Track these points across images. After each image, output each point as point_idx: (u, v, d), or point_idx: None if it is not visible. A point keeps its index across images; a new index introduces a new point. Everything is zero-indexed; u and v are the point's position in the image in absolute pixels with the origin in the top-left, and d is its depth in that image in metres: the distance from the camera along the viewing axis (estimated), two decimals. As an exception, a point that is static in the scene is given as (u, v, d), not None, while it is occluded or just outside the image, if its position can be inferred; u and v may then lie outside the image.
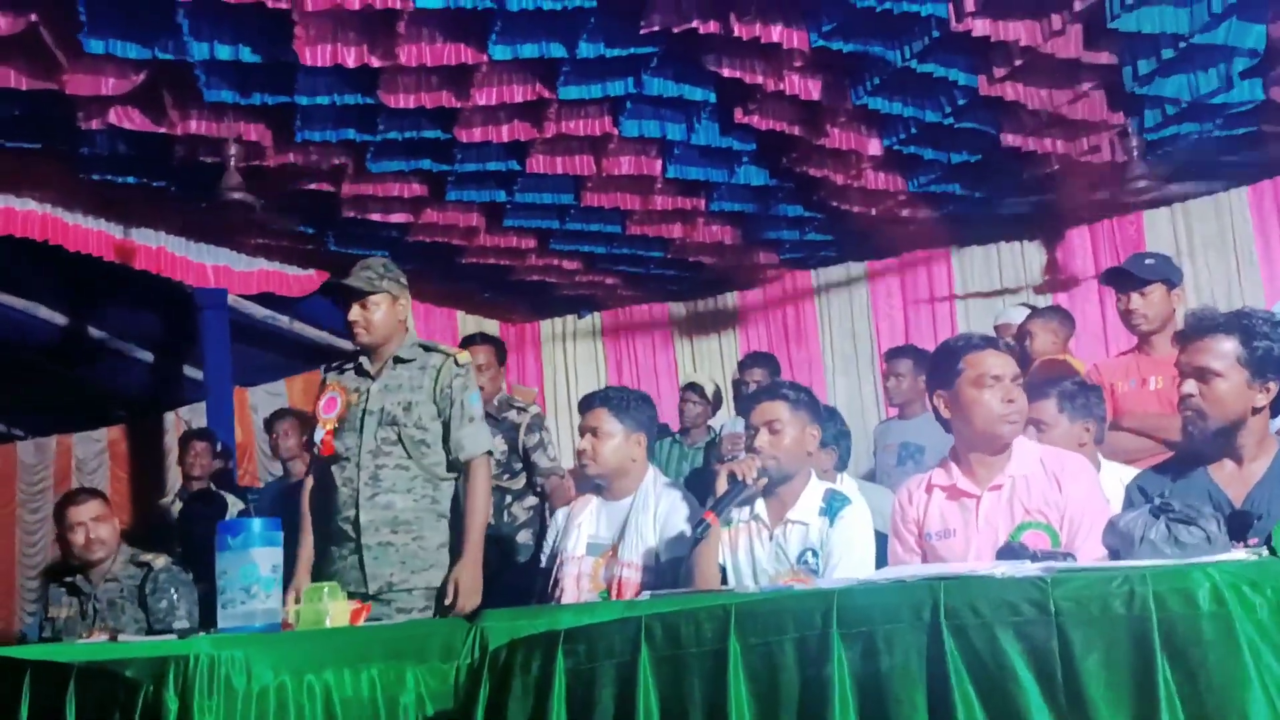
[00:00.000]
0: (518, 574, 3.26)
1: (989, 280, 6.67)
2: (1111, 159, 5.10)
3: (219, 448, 5.19)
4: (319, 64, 3.87)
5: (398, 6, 3.63)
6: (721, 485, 2.50)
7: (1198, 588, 1.23)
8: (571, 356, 7.63)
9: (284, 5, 3.52)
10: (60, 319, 6.31)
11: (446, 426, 2.95)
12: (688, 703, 1.49)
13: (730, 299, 7.32)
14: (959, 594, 1.37)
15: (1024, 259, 6.63)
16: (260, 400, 6.95)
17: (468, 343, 4.02)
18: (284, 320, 6.50)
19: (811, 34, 4.14)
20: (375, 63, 3.95)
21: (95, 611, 3.29)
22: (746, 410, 2.63)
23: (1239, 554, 1.50)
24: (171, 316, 6.44)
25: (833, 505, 2.49)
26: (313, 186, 5.03)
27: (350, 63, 3.92)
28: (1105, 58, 4.26)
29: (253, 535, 2.27)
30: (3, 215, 4.82)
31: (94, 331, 6.54)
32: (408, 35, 3.83)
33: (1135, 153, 4.85)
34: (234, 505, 4.81)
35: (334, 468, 2.96)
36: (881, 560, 2.45)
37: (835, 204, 5.78)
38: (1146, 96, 4.59)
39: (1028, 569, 1.50)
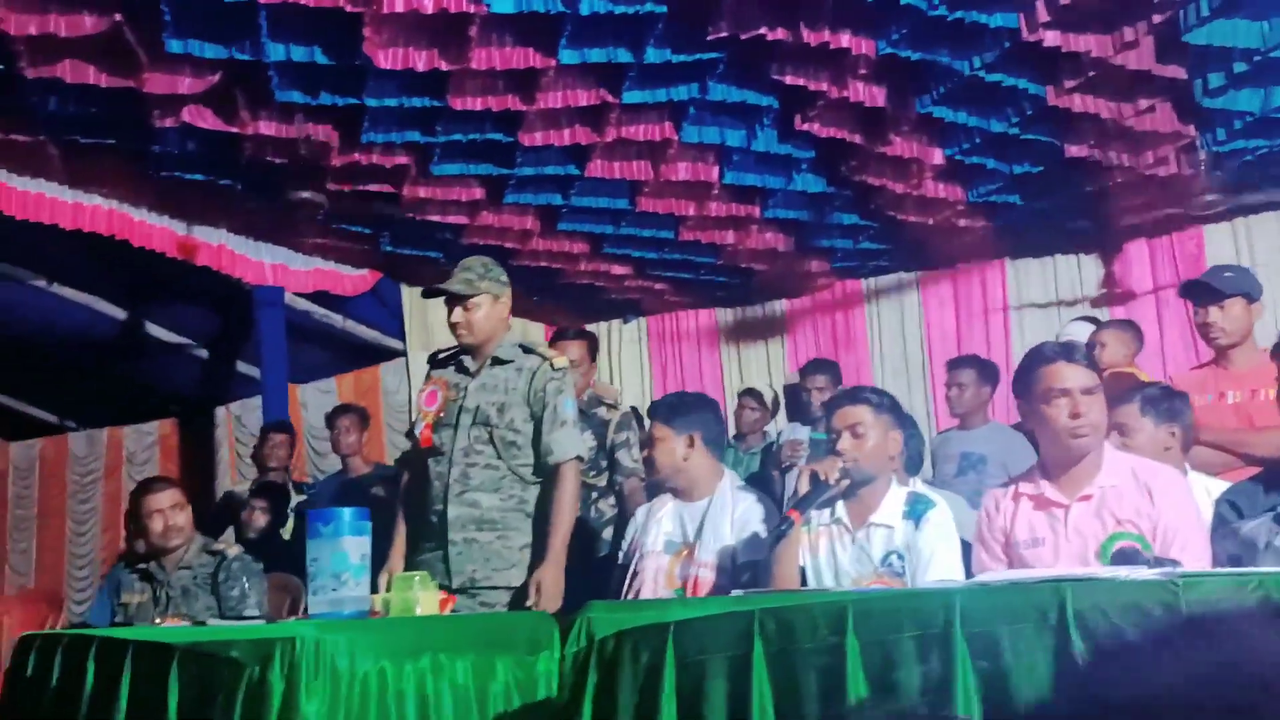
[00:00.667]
0: (596, 569, 3.26)
1: (1044, 293, 6.61)
2: (1177, 172, 5.06)
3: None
4: (391, 67, 3.92)
5: (470, 11, 3.67)
6: (804, 485, 2.50)
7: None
8: (617, 362, 7.65)
9: (359, 9, 3.56)
10: (119, 314, 6.41)
11: (538, 429, 2.97)
12: (802, 697, 1.50)
13: (779, 306, 7.31)
14: (1086, 596, 1.36)
15: (1080, 272, 6.57)
16: (310, 398, 7.03)
17: (559, 338, 4.04)
18: (337, 319, 6.57)
19: (879, 42, 4.14)
20: (445, 66, 3.99)
21: (168, 599, 3.33)
22: (829, 414, 2.63)
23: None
24: (227, 313, 6.53)
25: (917, 508, 2.49)
26: (373, 187, 5.09)
27: (421, 66, 3.96)
28: (1175, 71, 4.22)
29: (344, 524, 2.30)
30: (73, 211, 4.91)
31: (151, 327, 6.64)
32: (479, 39, 3.87)
33: (1203, 166, 4.80)
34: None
35: (430, 460, 3.01)
36: (965, 567, 2.43)
37: (891, 213, 5.77)
38: (1215, 110, 4.55)
39: (1146, 573, 1.49)
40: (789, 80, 4.38)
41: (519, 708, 2.09)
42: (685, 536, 2.78)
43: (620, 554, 2.97)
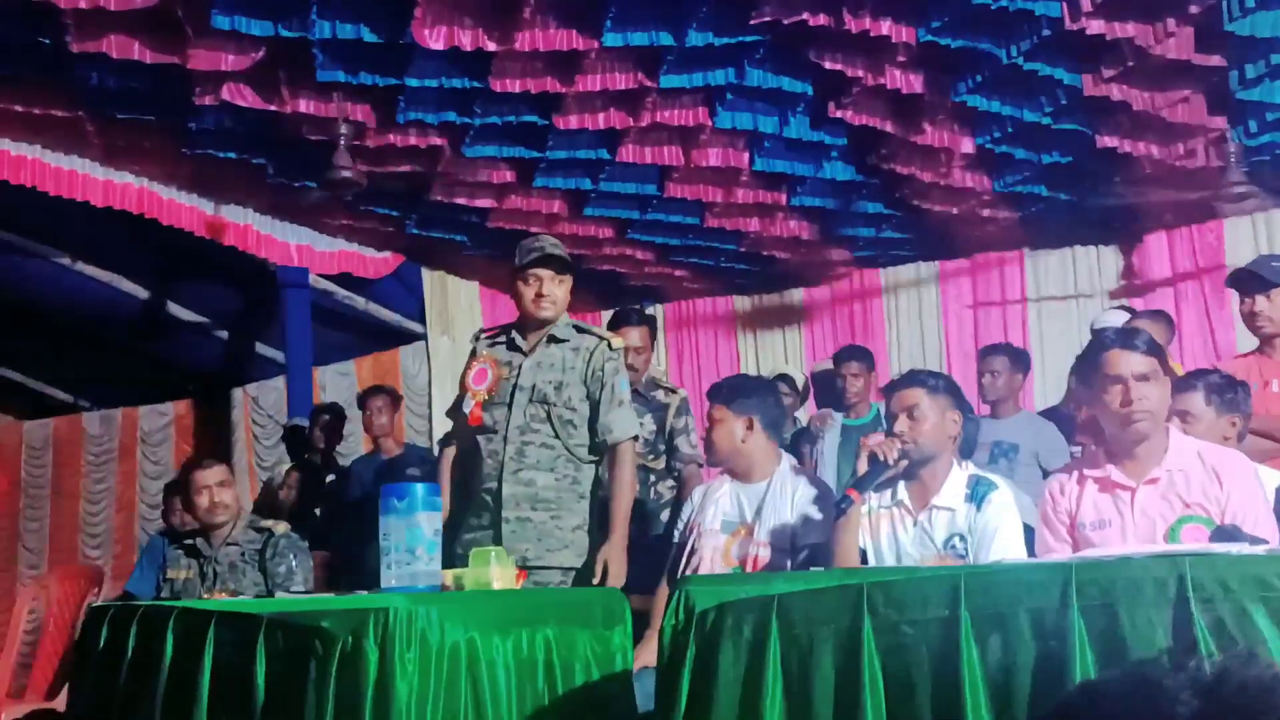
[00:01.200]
0: (653, 549, 3.26)
1: (1063, 284, 6.63)
2: (1205, 164, 5.08)
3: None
4: (438, 46, 3.91)
5: (521, -9, 3.67)
6: (863, 465, 2.52)
7: None
8: (634, 348, 7.65)
9: (412, -14, 3.56)
10: (141, 292, 6.40)
11: (595, 409, 2.97)
12: (914, 671, 1.52)
13: (797, 295, 7.32)
14: (1205, 569, 1.38)
15: (1099, 263, 6.59)
16: (329, 380, 7.02)
17: (621, 320, 3.92)
18: (359, 301, 6.57)
19: (920, 29, 4.15)
20: (491, 46, 3.99)
21: (215, 574, 3.35)
22: (887, 398, 2.64)
23: None
24: (249, 294, 6.52)
25: (978, 490, 2.51)
26: (406, 168, 5.08)
27: (467, 45, 3.96)
28: (1215, 61, 4.24)
29: (417, 499, 2.32)
30: (104, 188, 4.91)
31: (172, 306, 6.63)
32: (528, 20, 3.86)
33: (1233, 158, 4.82)
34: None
35: (480, 438, 2.99)
36: (1029, 550, 2.46)
37: (916, 202, 5.78)
38: (1249, 102, 4.57)
39: (1251, 550, 1.52)
40: (827, 65, 4.38)
41: (599, 679, 2.12)
42: (743, 517, 2.80)
43: (676, 534, 2.98)
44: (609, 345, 3.02)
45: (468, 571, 2.28)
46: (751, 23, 4.04)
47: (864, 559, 2.55)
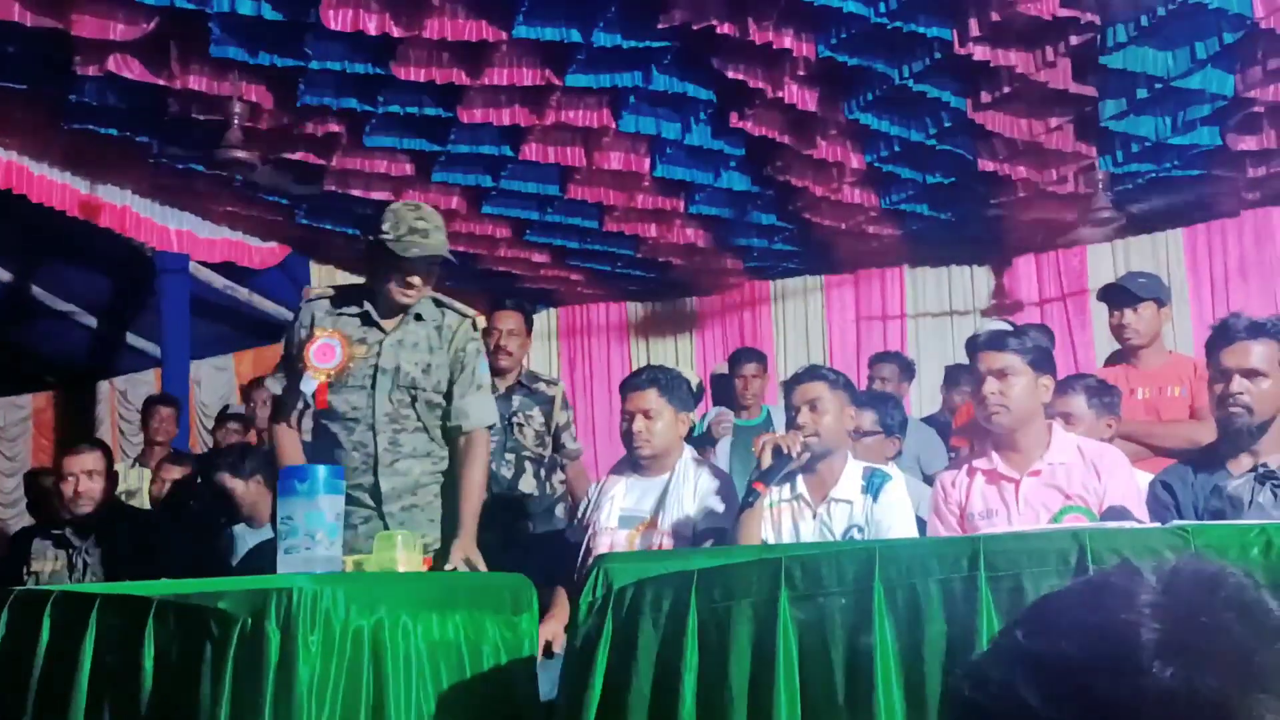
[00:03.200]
0: (545, 545, 3.23)
1: (940, 301, 6.94)
2: (1075, 190, 5.40)
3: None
4: (341, 28, 3.84)
5: (432, -23, 3.63)
6: (767, 458, 2.58)
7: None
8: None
9: (319, -36, 3.48)
10: (3, 274, 6.03)
11: (449, 391, 2.72)
12: (829, 641, 1.56)
13: (689, 303, 7.44)
14: (1103, 541, 1.47)
15: (973, 282, 6.93)
16: (205, 374, 6.75)
17: (497, 307, 3.89)
18: (242, 292, 6.34)
19: (819, 45, 4.29)
20: (397, 32, 3.93)
21: (85, 565, 3.17)
22: (788, 391, 2.72)
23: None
24: (122, 280, 6.22)
25: (873, 482, 2.60)
26: (299, 156, 4.95)
27: (372, 30, 3.89)
28: (1088, 92, 4.52)
29: (319, 481, 2.26)
30: (-31, 160, 4.61)
31: (37, 290, 6.26)
32: (436, 8, 3.83)
33: (1100, 185, 5.13)
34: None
35: (336, 426, 2.70)
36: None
37: (808, 215, 5.95)
38: (1117, 133, 4.88)
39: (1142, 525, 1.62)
40: (730, 75, 4.48)
41: (506, 664, 2.10)
42: (644, 510, 2.82)
43: (567, 531, 2.97)
44: (473, 324, 2.78)
45: (372, 556, 2.23)
46: (660, 26, 4.10)
47: (764, 549, 2.60)
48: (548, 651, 2.54)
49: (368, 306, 2.70)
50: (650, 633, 1.66)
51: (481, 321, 2.88)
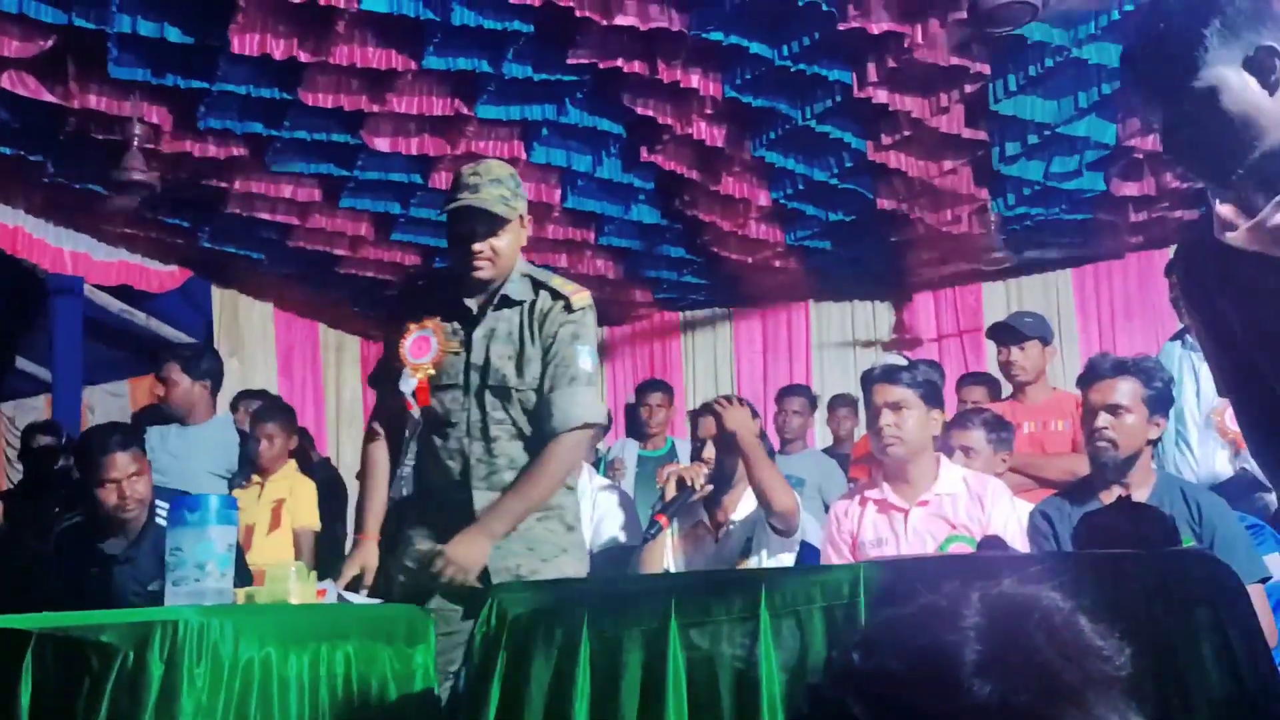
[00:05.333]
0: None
1: (843, 334, 7.14)
2: (968, 231, 5.62)
3: (64, 441, 4.86)
4: (247, 52, 3.80)
5: (340, 5, 3.63)
6: (671, 490, 2.63)
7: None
8: (433, 379, 7.56)
9: (225, -12, 3.46)
10: (-119, 295, 5.75)
11: (542, 385, 2.32)
12: (718, 667, 1.60)
13: (599, 333, 7.47)
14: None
15: (875, 317, 7.15)
16: (99, 400, 6.52)
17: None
18: (139, 316, 6.16)
19: (726, 85, 4.40)
20: (304, 57, 3.91)
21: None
22: (693, 423, 2.78)
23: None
24: (12, 302, 5.98)
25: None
26: (202, 178, 4.86)
27: (278, 54, 3.87)
28: (979, 137, 4.72)
29: (210, 512, 2.21)
30: None
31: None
32: (344, 35, 3.82)
33: (993, 227, 5.36)
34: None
35: (434, 435, 2.33)
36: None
37: (715, 249, 6.07)
38: (1008, 177, 5.11)
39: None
40: (640, 111, 4.57)
41: (397, 699, 2.08)
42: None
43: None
44: (568, 305, 2.33)
45: (263, 588, 2.20)
46: (570, 62, 4.17)
47: (664, 579, 2.64)
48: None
49: (457, 291, 2.34)
50: (543, 663, 1.67)
51: (581, 299, 2.36)
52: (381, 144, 4.67)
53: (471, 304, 2.33)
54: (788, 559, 2.64)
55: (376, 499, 2.39)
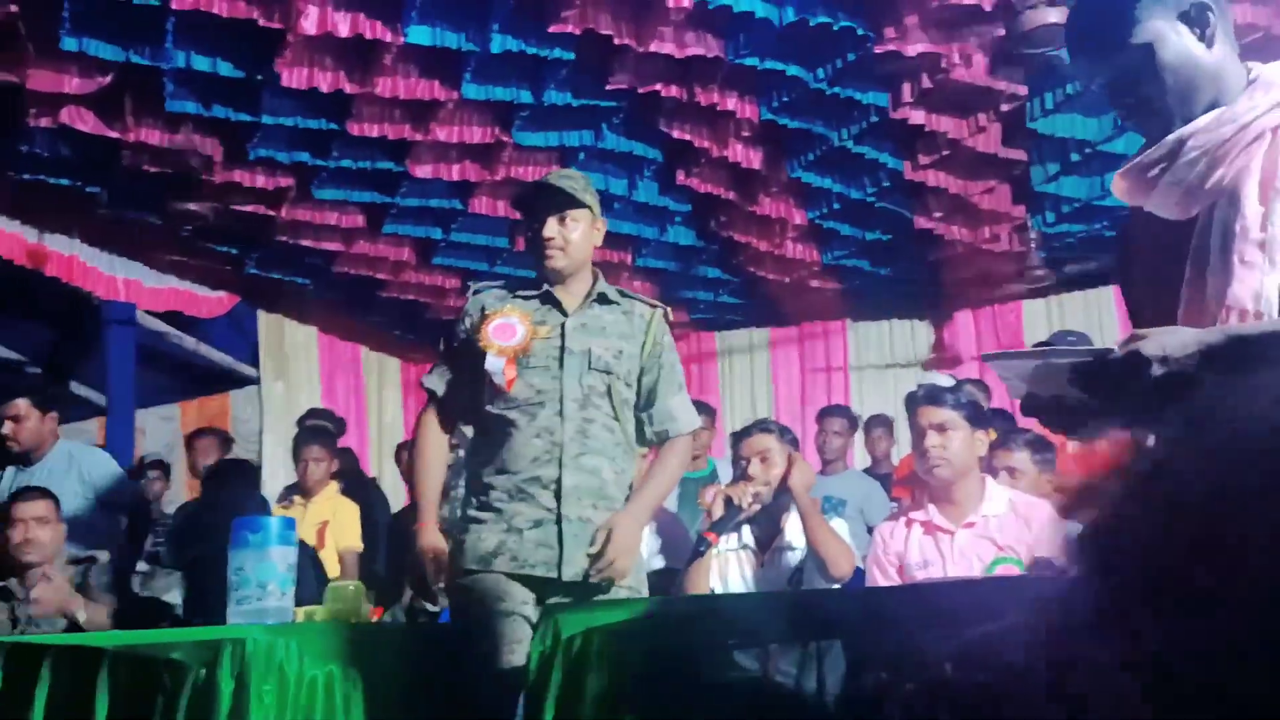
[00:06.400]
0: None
1: (881, 354, 7.12)
2: (1008, 249, 5.62)
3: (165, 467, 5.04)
4: (295, 85, 3.91)
5: (386, 39, 3.72)
6: (718, 509, 2.67)
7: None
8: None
9: (276, 25, 3.56)
10: (-57, 324, 5.94)
11: (650, 391, 2.36)
12: (768, 688, 1.63)
13: (636, 354, 7.52)
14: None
15: (914, 336, 7.13)
16: (151, 424, 6.66)
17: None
18: (189, 342, 6.30)
19: (763, 107, 4.45)
20: (350, 89, 4.01)
21: (29, 618, 3.12)
22: (736, 444, 2.81)
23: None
24: (67, 329, 6.15)
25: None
26: (250, 208, 4.98)
27: (325, 87, 3.97)
28: (1018, 156, 4.74)
29: (270, 534, 2.28)
30: (-86, 208, 4.58)
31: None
32: (389, 67, 3.92)
33: (1033, 245, 5.36)
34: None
35: (514, 413, 2.28)
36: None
37: (752, 269, 6.11)
38: (1047, 195, 5.11)
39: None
40: (676, 135, 4.63)
41: (458, 715, 2.13)
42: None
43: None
44: (666, 316, 2.43)
45: (319, 609, 2.26)
46: (609, 88, 4.24)
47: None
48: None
49: (547, 286, 2.36)
50: (596, 682, 1.71)
51: (671, 314, 2.49)
52: (423, 171, 4.76)
53: (564, 296, 2.35)
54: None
55: (435, 480, 2.37)
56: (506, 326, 2.30)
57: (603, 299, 2.38)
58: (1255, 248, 1.27)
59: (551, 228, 2.30)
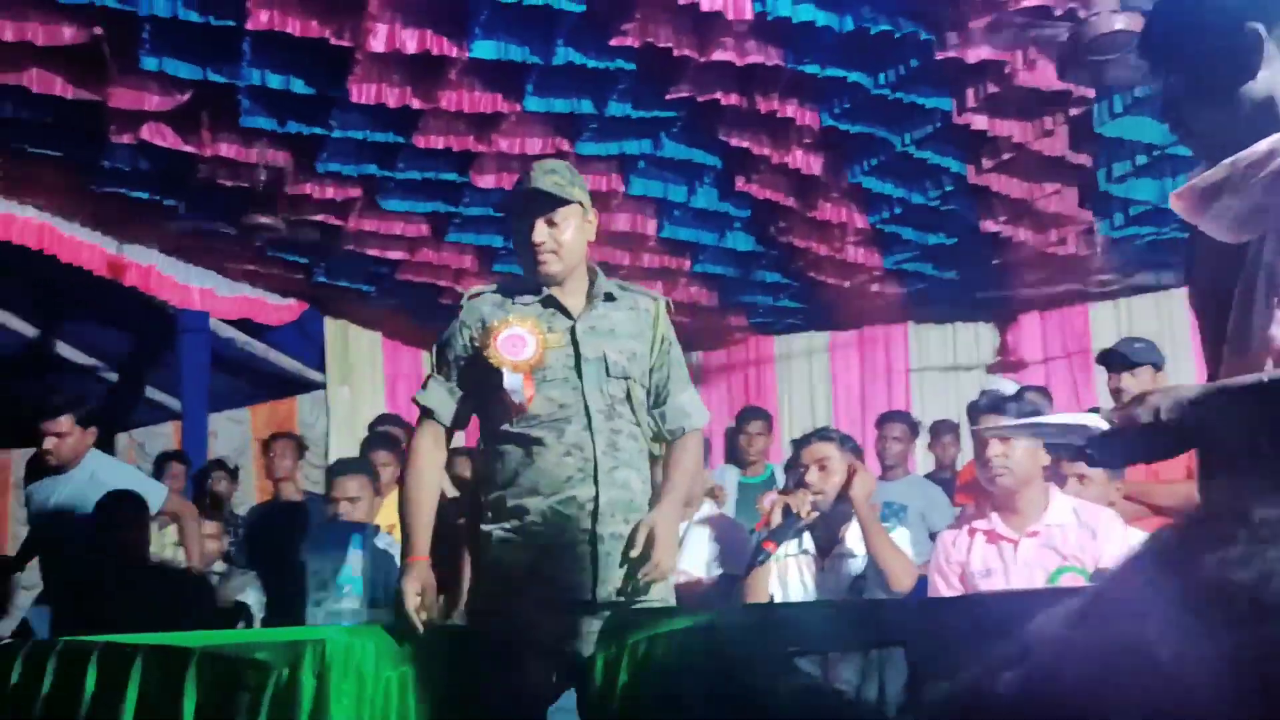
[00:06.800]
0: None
1: (944, 357, 7.05)
2: (1074, 252, 5.54)
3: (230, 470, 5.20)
4: (365, 101, 4.01)
5: (453, 55, 3.81)
6: (777, 517, 2.69)
7: None
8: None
9: (346, 43, 3.66)
10: (30, 330, 6.17)
11: (660, 388, 2.27)
12: (828, 696, 1.66)
13: (694, 358, 7.54)
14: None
15: (977, 339, 7.04)
16: (221, 426, 6.85)
17: None
18: (259, 347, 6.48)
19: (823, 114, 4.45)
20: (417, 104, 4.11)
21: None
22: (796, 451, 2.83)
23: None
24: (143, 335, 6.37)
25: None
26: (319, 217, 5.12)
27: (393, 103, 4.07)
28: (1084, 159, 4.67)
29: (347, 538, 2.36)
30: (4, 222, 4.79)
31: (60, 346, 6.41)
32: (454, 81, 4.00)
33: (1099, 248, 5.27)
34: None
35: (540, 431, 2.15)
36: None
37: (811, 274, 6.10)
38: (1115, 197, 5.03)
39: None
40: (735, 143, 4.65)
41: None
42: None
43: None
44: (668, 306, 2.33)
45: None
46: (668, 98, 4.28)
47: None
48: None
49: (550, 290, 2.21)
50: (659, 690, 1.75)
51: (672, 306, 2.37)
52: (486, 181, 4.85)
53: (566, 298, 2.22)
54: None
55: (429, 508, 2.22)
56: (516, 338, 2.16)
57: (608, 297, 2.25)
58: None
59: (540, 231, 2.16)
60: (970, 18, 3.72)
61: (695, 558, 2.83)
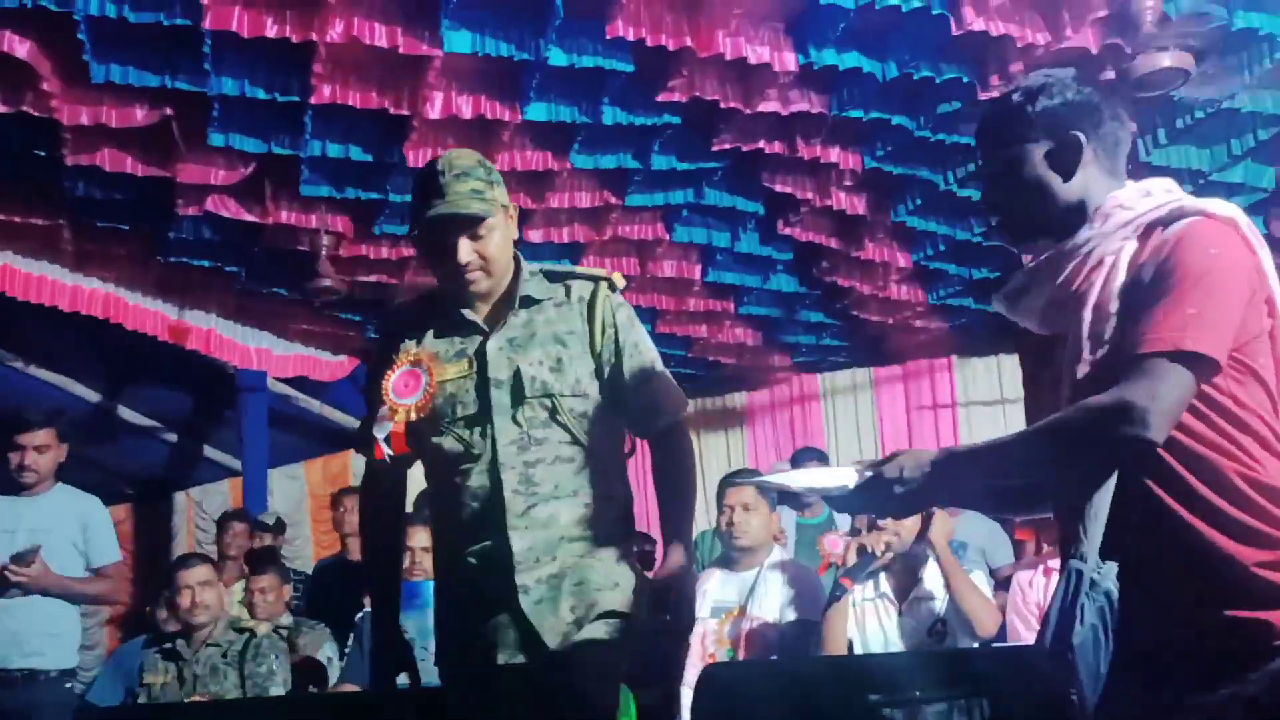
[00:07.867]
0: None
1: (990, 390, 7.04)
2: (1120, 282, 5.53)
3: (268, 526, 5.28)
4: (420, 165, 4.12)
5: (505, 118, 3.92)
6: (851, 557, 2.73)
7: None
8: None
9: (404, 112, 3.79)
10: (93, 396, 6.35)
11: (617, 383, 1.98)
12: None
13: (739, 398, 7.60)
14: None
15: (1023, 371, 7.03)
16: (277, 483, 6.97)
17: None
18: (314, 404, 6.61)
19: (866, 157, 4.52)
20: (470, 165, 4.21)
21: (195, 677, 3.34)
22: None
23: None
24: (202, 396, 6.52)
25: (952, 582, 2.73)
26: (375, 277, 5.24)
27: (447, 165, 4.17)
28: (1128, 191, 4.69)
29: (429, 598, 2.42)
30: (72, 293, 4.96)
31: (122, 409, 6.58)
32: (508, 143, 4.12)
33: (1144, 277, 5.27)
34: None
35: (447, 472, 1.96)
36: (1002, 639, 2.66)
37: (855, 312, 6.14)
38: (1159, 226, 5.03)
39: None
40: (779, 188, 4.73)
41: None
42: (733, 599, 2.96)
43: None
44: (610, 285, 2.03)
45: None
46: (713, 149, 4.36)
47: (850, 649, 2.73)
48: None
49: (462, 310, 1.99)
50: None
51: (620, 280, 2.06)
52: (535, 236, 4.95)
53: (475, 316, 1.99)
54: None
55: (390, 556, 2.14)
56: (409, 377, 1.94)
57: (525, 301, 2.00)
58: (1088, 366, 1.40)
59: (465, 250, 1.93)
60: (1011, 59, 3.78)
61: (769, 603, 2.87)
